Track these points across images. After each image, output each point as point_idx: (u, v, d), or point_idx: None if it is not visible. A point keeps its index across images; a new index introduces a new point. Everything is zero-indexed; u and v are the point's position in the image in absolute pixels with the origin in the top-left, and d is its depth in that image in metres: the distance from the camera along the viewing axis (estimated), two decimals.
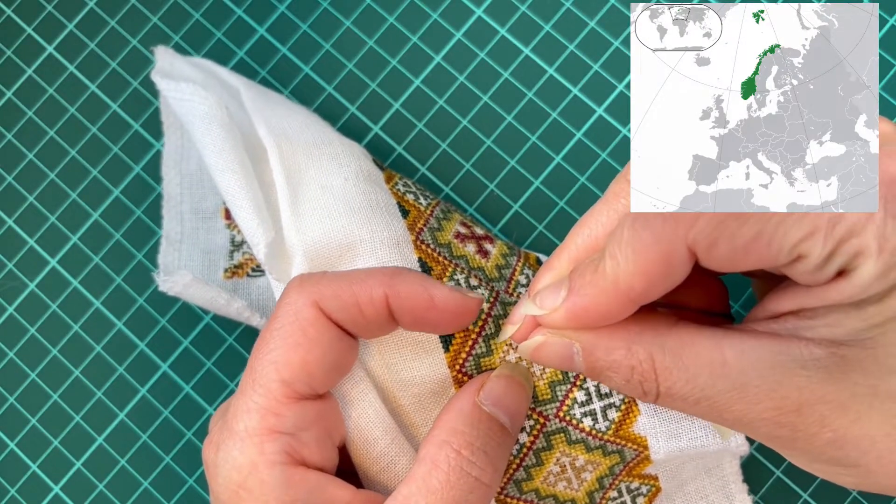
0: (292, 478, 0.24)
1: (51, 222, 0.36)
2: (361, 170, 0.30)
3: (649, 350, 0.23)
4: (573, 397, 0.28)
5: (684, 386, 0.22)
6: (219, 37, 0.37)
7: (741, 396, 0.22)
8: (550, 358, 0.25)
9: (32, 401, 0.35)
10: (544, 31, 0.36)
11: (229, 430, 0.24)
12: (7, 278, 0.36)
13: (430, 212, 0.30)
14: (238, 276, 0.33)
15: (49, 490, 0.34)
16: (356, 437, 0.26)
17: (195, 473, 0.34)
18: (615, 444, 0.28)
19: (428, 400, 0.28)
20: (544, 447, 0.28)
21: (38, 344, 0.35)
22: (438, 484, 0.24)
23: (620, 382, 0.23)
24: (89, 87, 0.37)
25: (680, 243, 0.21)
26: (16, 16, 0.37)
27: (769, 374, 0.21)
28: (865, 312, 0.21)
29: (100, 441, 0.35)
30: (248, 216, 0.28)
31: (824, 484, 0.33)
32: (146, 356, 0.35)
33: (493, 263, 0.30)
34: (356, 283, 0.25)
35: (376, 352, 0.27)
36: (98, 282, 0.35)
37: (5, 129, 0.37)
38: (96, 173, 0.36)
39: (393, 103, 0.36)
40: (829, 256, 0.20)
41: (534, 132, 0.35)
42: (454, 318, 0.26)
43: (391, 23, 0.36)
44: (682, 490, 0.31)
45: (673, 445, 0.28)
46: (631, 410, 0.28)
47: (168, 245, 0.33)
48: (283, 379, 0.24)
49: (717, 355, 0.22)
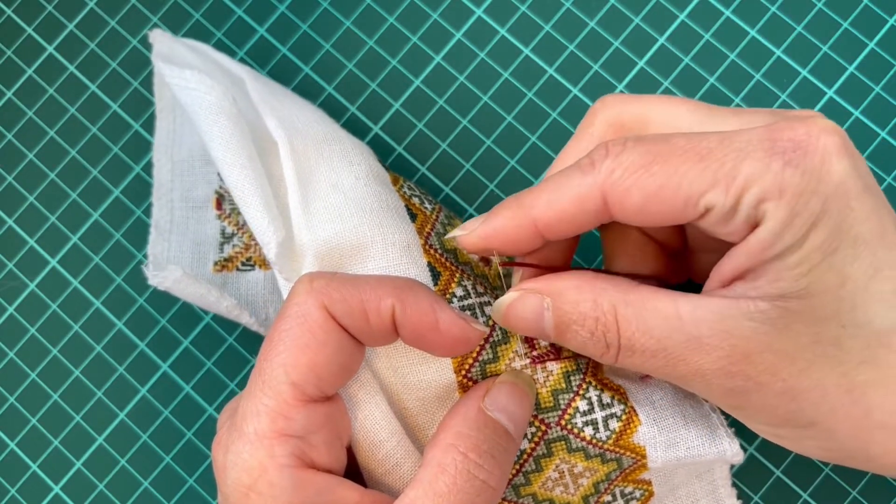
0: (301, 480, 0.24)
1: (51, 222, 0.36)
2: (371, 169, 0.30)
3: (613, 303, 0.24)
4: (575, 406, 0.28)
5: (642, 337, 0.24)
6: (219, 37, 0.37)
7: (695, 347, 0.23)
8: (523, 313, 0.26)
9: (33, 401, 0.35)
10: (544, 31, 0.36)
11: (238, 431, 0.24)
12: (7, 278, 0.36)
13: (435, 216, 0.30)
14: (227, 269, 0.32)
15: (49, 490, 0.34)
16: (362, 439, 0.26)
17: (195, 473, 0.34)
18: (614, 453, 0.28)
19: (433, 404, 0.28)
20: (544, 454, 0.28)
21: (38, 344, 0.35)
22: (446, 487, 0.24)
23: (585, 336, 0.25)
24: (89, 87, 0.37)
25: (596, 189, 0.24)
26: (16, 16, 0.37)
27: (718, 325, 0.23)
28: (791, 261, 0.22)
29: (100, 441, 0.35)
30: (258, 214, 0.28)
31: (824, 484, 0.33)
32: (146, 356, 0.35)
33: (494, 272, 0.30)
34: (366, 290, 0.25)
35: (383, 354, 0.27)
36: (98, 282, 0.35)
37: (5, 129, 0.37)
38: (96, 173, 0.36)
39: (393, 103, 0.36)
40: (734, 206, 0.23)
41: (534, 132, 0.35)
42: (453, 344, 0.26)
43: (391, 23, 0.36)
44: (674, 494, 0.31)
45: (671, 454, 0.28)
46: (632, 420, 0.28)
47: (157, 235, 0.32)
48: (293, 381, 0.24)
49: (673, 311, 0.24)
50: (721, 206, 0.23)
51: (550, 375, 0.28)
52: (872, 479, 0.33)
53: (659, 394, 0.29)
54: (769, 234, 0.22)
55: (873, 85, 0.35)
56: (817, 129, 0.23)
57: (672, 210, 0.23)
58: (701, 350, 0.23)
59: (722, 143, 0.23)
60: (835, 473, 0.33)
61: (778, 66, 0.35)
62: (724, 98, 0.35)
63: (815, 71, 0.35)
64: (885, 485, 0.33)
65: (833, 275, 0.22)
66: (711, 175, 0.23)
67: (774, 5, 0.35)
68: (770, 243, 0.22)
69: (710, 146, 0.23)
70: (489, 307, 0.28)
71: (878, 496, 0.32)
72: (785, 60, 0.35)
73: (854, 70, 0.35)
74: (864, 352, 0.23)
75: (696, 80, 0.35)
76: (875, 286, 0.23)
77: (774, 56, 0.35)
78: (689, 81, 0.35)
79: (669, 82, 0.35)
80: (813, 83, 0.35)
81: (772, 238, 0.22)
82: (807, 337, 0.23)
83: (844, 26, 0.35)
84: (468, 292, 0.28)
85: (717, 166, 0.23)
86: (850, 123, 0.34)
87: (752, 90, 0.35)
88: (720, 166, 0.23)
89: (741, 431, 0.33)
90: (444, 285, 0.28)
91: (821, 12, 0.35)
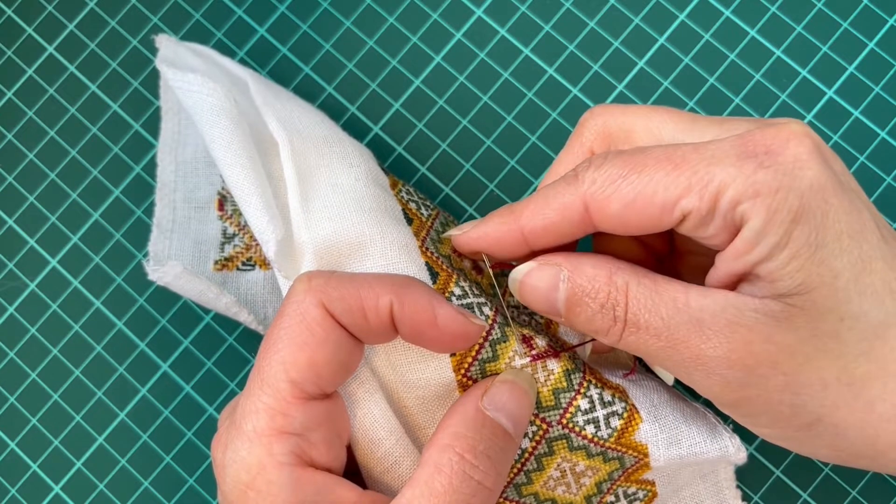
0: (300, 479, 0.24)
1: (51, 222, 0.36)
2: (370, 172, 0.30)
3: (626, 280, 0.25)
4: (577, 405, 0.28)
5: (649, 315, 0.25)
6: (219, 37, 0.37)
7: (697, 331, 0.24)
8: (538, 282, 0.26)
9: (33, 401, 0.35)
10: (544, 31, 0.36)
11: (237, 429, 0.24)
12: (7, 278, 0.36)
13: (430, 223, 0.30)
14: (228, 268, 0.33)
15: (49, 490, 0.34)
16: (361, 437, 0.26)
17: (195, 473, 0.34)
18: (616, 451, 0.28)
19: (432, 403, 0.28)
20: (546, 453, 0.28)
21: (38, 344, 0.35)
22: (441, 487, 0.24)
23: (595, 309, 0.25)
24: (89, 87, 0.37)
25: (578, 199, 0.25)
26: (16, 16, 0.37)
27: (722, 315, 0.24)
28: (781, 259, 0.23)
29: (100, 441, 0.35)
30: (257, 213, 0.28)
31: (824, 484, 0.33)
32: (146, 356, 0.35)
33: (486, 281, 0.31)
34: (364, 288, 0.25)
35: (382, 352, 0.27)
36: (98, 282, 0.35)
37: (6, 129, 0.37)
38: (96, 173, 0.36)
39: (393, 103, 0.36)
40: (711, 210, 0.23)
41: (534, 132, 0.35)
42: (452, 340, 0.26)
43: (391, 23, 0.36)
44: (678, 495, 0.31)
45: (673, 452, 0.28)
46: (633, 418, 0.28)
47: (159, 233, 0.32)
48: (292, 379, 0.24)
49: (683, 296, 0.24)
50: (697, 211, 0.24)
51: (552, 374, 0.28)
52: (872, 479, 0.33)
53: (656, 394, 0.29)
54: (752, 233, 0.23)
55: (873, 85, 0.35)
56: (787, 132, 0.23)
57: (650, 217, 0.24)
58: (703, 334, 0.24)
59: (696, 151, 0.24)
60: (835, 473, 0.33)
61: (778, 66, 0.35)
62: (724, 98, 0.35)
63: (815, 71, 0.35)
64: (885, 485, 0.33)
65: (825, 269, 0.23)
66: (686, 181, 0.24)
67: (774, 5, 0.35)
68: (755, 242, 0.23)
69: (685, 154, 0.24)
70: (487, 307, 0.28)
71: (878, 496, 0.32)
72: (785, 60, 0.35)
73: (854, 70, 0.35)
74: (862, 344, 0.24)
75: (696, 80, 0.35)
76: (865, 279, 0.23)
77: (774, 56, 0.35)
78: (689, 81, 0.35)
79: (669, 82, 0.35)
80: (813, 83, 0.35)
81: (755, 236, 0.23)
82: (806, 331, 0.23)
83: (844, 26, 0.35)
84: (466, 292, 0.28)
85: (691, 173, 0.24)
86: (850, 123, 0.34)
87: (752, 90, 0.35)
88: (693, 173, 0.23)
89: (741, 431, 0.33)
90: (443, 284, 0.28)
91: (821, 12, 0.35)
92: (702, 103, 0.35)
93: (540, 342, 0.28)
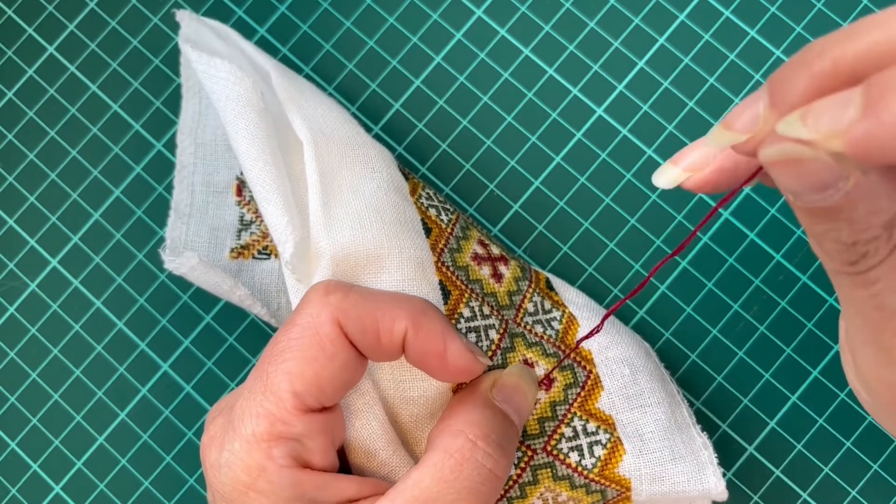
0: (301, 478, 0.24)
1: (51, 222, 0.36)
2: (392, 179, 0.29)
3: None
4: (561, 432, 0.28)
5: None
6: None
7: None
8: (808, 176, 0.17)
9: (33, 401, 0.35)
10: (544, 32, 0.36)
11: (235, 431, 0.24)
12: (8, 278, 0.36)
13: (450, 230, 0.30)
14: (244, 257, 0.32)
15: (50, 490, 0.34)
16: (357, 447, 0.26)
17: (196, 473, 0.34)
18: (599, 485, 0.28)
19: (424, 420, 0.28)
20: (530, 481, 0.28)
21: (38, 344, 0.35)
22: (451, 473, 0.24)
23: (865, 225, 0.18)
24: (90, 87, 0.37)
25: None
26: (16, 16, 0.37)
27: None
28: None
29: (100, 441, 0.35)
30: (276, 212, 0.27)
31: (824, 484, 0.33)
32: (146, 356, 0.35)
33: (505, 289, 0.30)
34: (381, 310, 0.25)
35: (387, 366, 0.27)
36: (98, 282, 0.35)
37: (6, 129, 0.37)
38: (97, 173, 0.36)
39: (393, 103, 0.36)
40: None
41: (534, 132, 0.35)
42: (456, 373, 0.26)
43: (391, 23, 0.36)
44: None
45: (656, 489, 0.28)
46: (616, 449, 0.28)
47: (177, 218, 0.31)
48: (296, 391, 0.24)
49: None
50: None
51: (538, 404, 0.28)
52: (872, 478, 0.33)
53: (650, 426, 0.29)
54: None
55: None
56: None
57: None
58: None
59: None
60: (835, 473, 0.33)
61: (778, 67, 0.35)
62: (724, 98, 0.35)
63: None
64: (885, 485, 0.33)
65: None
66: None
67: (774, 5, 0.35)
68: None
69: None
70: (494, 330, 0.28)
71: (879, 496, 0.32)
72: (785, 61, 0.35)
73: None
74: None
75: (697, 81, 0.35)
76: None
77: (774, 56, 0.35)
78: (689, 82, 0.35)
79: (669, 82, 0.35)
80: None
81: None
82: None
83: (844, 27, 0.35)
84: (475, 314, 0.28)
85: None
86: None
87: (752, 90, 0.35)
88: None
89: (740, 432, 0.33)
90: (454, 305, 0.28)
91: (820, 13, 0.35)
92: (702, 103, 0.35)
93: (539, 370, 0.29)
